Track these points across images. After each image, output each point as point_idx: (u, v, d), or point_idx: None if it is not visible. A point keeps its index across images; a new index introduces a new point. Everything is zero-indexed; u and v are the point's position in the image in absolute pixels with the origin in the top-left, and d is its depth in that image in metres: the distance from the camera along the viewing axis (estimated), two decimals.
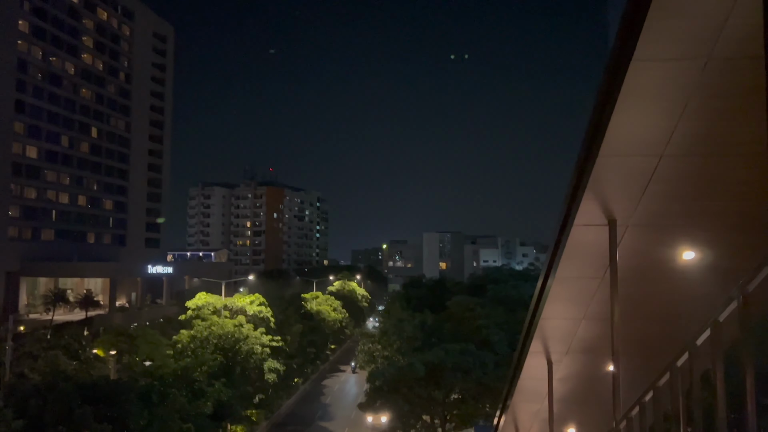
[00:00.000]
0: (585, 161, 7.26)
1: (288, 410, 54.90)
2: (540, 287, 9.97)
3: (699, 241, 7.84)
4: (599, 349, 11.17)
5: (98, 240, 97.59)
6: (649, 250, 8.15)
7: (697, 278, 8.28)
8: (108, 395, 24.92)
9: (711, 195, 7.27)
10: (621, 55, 5.79)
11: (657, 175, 6.98)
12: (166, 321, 59.38)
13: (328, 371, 73.76)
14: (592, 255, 8.59)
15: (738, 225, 7.56)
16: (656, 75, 5.84)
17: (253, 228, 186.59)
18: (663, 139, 6.53)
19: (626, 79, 5.87)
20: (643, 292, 8.71)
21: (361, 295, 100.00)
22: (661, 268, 8.35)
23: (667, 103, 6.11)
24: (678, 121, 6.33)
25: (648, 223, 7.83)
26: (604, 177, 7.13)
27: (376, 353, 38.11)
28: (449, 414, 28.26)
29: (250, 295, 45.88)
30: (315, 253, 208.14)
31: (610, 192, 7.43)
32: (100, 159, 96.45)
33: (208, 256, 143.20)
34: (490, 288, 33.30)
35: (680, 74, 5.80)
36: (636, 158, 6.84)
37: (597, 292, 9.39)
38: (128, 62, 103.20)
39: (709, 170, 6.89)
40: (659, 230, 7.92)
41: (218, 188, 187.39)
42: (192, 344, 39.23)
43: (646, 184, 7.16)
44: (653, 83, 5.92)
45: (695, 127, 6.34)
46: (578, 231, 8.14)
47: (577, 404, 12.87)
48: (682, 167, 6.88)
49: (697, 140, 6.54)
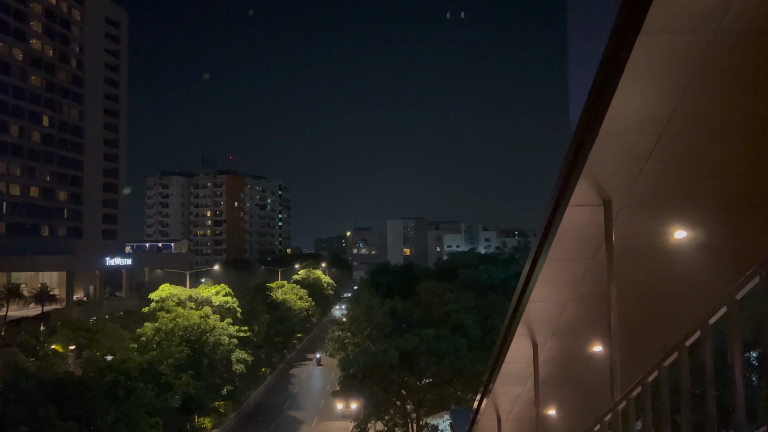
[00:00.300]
0: (582, 140, 7.11)
1: (256, 401, 54.37)
2: (528, 269, 9.85)
3: (695, 221, 7.81)
4: (585, 330, 11.18)
5: (53, 232, 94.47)
6: (644, 231, 8.09)
7: (693, 258, 8.28)
8: (73, 392, 24.08)
9: (708, 174, 7.21)
10: (627, 28, 5.61)
11: (655, 154, 6.88)
12: (127, 314, 57.99)
13: (296, 360, 73.34)
14: (585, 236, 8.50)
15: (734, 204, 7.54)
16: (662, 49, 5.68)
17: (214, 217, 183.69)
18: (664, 116, 6.41)
19: (632, 53, 5.69)
20: (637, 273, 8.68)
21: (327, 282, 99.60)
22: (655, 249, 8.31)
23: (671, 78, 5.98)
24: (681, 97, 6.21)
25: (644, 204, 7.75)
26: (602, 156, 6.99)
27: (347, 340, 37.94)
28: (422, 399, 28.33)
29: (215, 286, 45.04)
30: (278, 242, 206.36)
31: (607, 171, 7.30)
32: (52, 149, 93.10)
33: (168, 247, 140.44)
34: (461, 273, 33.40)
35: (686, 48, 5.65)
36: (635, 136, 6.71)
37: (587, 274, 9.34)
38: (80, 48, 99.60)
39: (708, 149, 6.81)
40: (655, 210, 7.86)
41: (176, 177, 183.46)
42: (157, 337, 38.31)
43: (644, 164, 7.05)
44: (659, 58, 5.76)
45: (698, 104, 6.23)
46: (572, 212, 8.02)
47: (560, 386, 12.91)
48: (681, 146, 6.79)
49: (698, 118, 6.44)
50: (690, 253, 8.28)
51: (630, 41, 5.61)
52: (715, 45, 5.60)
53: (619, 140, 6.77)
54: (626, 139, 6.76)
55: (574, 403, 14.15)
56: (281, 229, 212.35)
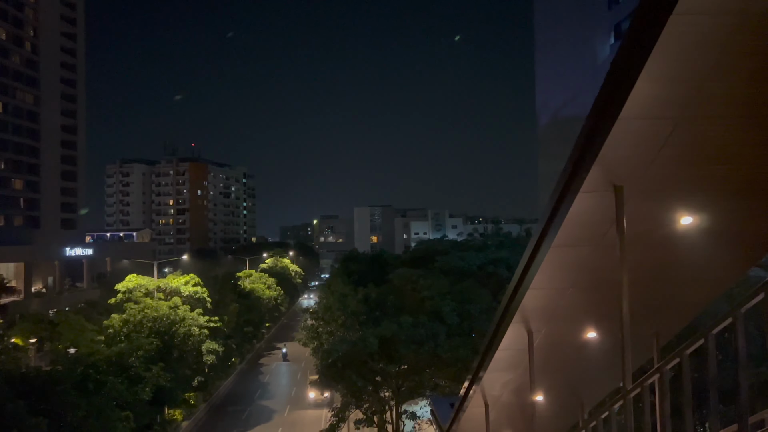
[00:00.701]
0: (598, 125, 6.97)
1: (226, 391, 53.76)
2: (529, 256, 9.75)
3: (703, 206, 7.77)
4: (581, 317, 11.17)
5: (8, 222, 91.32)
6: (651, 217, 8.02)
7: (698, 244, 8.27)
8: (42, 387, 23.22)
9: (721, 160, 7.15)
10: (658, 8, 5.46)
11: (672, 139, 6.78)
12: (90, 305, 56.41)
13: (265, 350, 72.75)
14: (591, 222, 8.40)
15: (745, 190, 7.52)
16: (692, 31, 5.54)
17: (177, 206, 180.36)
18: (685, 100, 6.30)
19: (662, 34, 5.54)
20: (641, 259, 8.62)
21: (295, 271, 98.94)
22: (662, 234, 8.26)
23: (696, 61, 5.84)
24: (703, 81, 6.10)
25: (654, 189, 7.68)
26: (618, 141, 6.84)
27: (320, 329, 37.64)
28: (401, 386, 28.31)
29: (184, 276, 44.10)
30: (243, 231, 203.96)
31: (622, 157, 7.18)
32: (6, 135, 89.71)
33: (130, 237, 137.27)
34: (438, 259, 33.37)
35: (716, 30, 5.53)
36: (654, 121, 6.58)
37: (590, 260, 9.27)
38: (34, 31, 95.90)
39: (724, 134, 6.74)
40: (664, 196, 7.79)
41: (137, 165, 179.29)
42: (125, 329, 37.32)
43: (660, 149, 6.96)
44: (687, 39, 5.62)
45: (721, 88, 6.13)
46: (581, 198, 7.90)
47: (550, 372, 12.91)
48: (698, 131, 6.70)
49: (718, 102, 6.34)
50: (696, 238, 8.27)
51: (661, 21, 5.45)
52: (742, 27, 5.50)
53: (637, 125, 6.63)
54: (644, 124, 6.62)
55: (560, 388, 14.23)
56: (246, 217, 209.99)
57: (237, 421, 46.00)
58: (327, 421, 31.57)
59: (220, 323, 43.77)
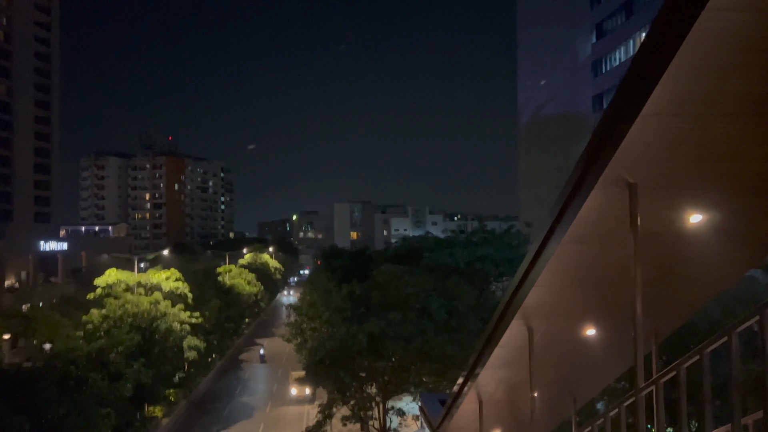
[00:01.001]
0: (617, 121, 6.92)
1: (206, 387, 53.22)
2: (535, 253, 9.70)
3: (714, 204, 7.79)
4: (583, 314, 11.18)
5: None
6: (664, 214, 8.02)
7: (707, 242, 8.29)
8: (21, 384, 22.64)
9: (736, 157, 7.17)
10: (690, 2, 5.42)
11: (691, 135, 6.77)
12: (65, 300, 55.29)
13: (245, 345, 72.20)
14: (602, 219, 8.37)
15: (756, 188, 7.56)
16: (722, 27, 5.52)
17: (153, 200, 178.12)
18: (708, 96, 6.28)
19: (692, 30, 5.51)
20: (651, 257, 8.61)
21: (274, 267, 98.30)
22: (671, 232, 8.27)
23: (724, 56, 5.83)
24: (725, 78, 6.10)
25: (667, 186, 7.67)
26: (637, 138, 6.81)
27: (304, 325, 37.40)
28: (387, 383, 28.23)
29: (165, 271, 43.45)
30: (220, 226, 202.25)
31: (639, 154, 7.15)
32: None
33: (106, 231, 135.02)
34: (426, 256, 33.37)
35: (747, 27, 5.52)
36: (675, 117, 6.57)
37: (597, 257, 9.25)
38: (7, 20, 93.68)
39: (743, 131, 6.75)
40: (678, 193, 7.79)
41: (113, 158, 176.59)
42: (105, 324, 36.66)
43: (678, 146, 6.94)
44: (718, 35, 5.60)
45: (739, 85, 6.13)
46: (594, 195, 7.86)
47: (547, 369, 12.92)
48: (717, 128, 6.69)
49: (737, 99, 6.35)
50: (704, 236, 8.29)
51: (692, 16, 5.42)
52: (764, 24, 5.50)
53: (657, 121, 6.60)
54: (665, 120, 6.59)
55: (554, 384, 14.27)
56: (224, 212, 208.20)
57: (218, 418, 45.60)
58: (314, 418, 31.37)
59: (201, 319, 43.26)
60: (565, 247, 9.09)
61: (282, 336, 40.32)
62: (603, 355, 12.72)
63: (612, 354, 12.80)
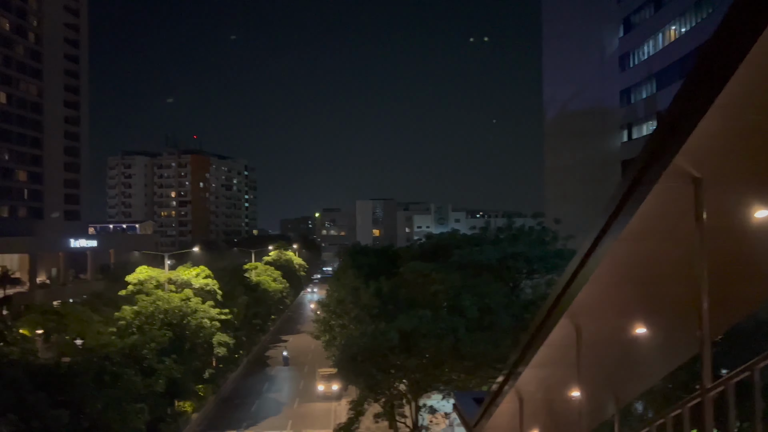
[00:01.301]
0: (686, 113, 6.71)
1: (234, 383, 53.66)
2: (587, 250, 9.51)
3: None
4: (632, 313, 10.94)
5: (12, 214, 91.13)
6: (728, 210, 7.77)
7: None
8: (61, 379, 23.06)
9: None
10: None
11: (761, 127, 6.54)
12: (94, 296, 56.19)
13: (270, 342, 72.67)
14: (663, 215, 8.15)
15: None
16: None
17: (178, 198, 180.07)
18: None
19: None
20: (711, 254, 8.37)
21: (298, 264, 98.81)
22: (736, 228, 8.02)
23: None
24: None
25: (734, 181, 7.43)
26: (706, 131, 6.60)
27: (332, 322, 37.45)
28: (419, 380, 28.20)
29: (195, 268, 43.92)
30: (244, 223, 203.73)
31: (706, 147, 6.93)
32: (10, 127, 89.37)
33: (133, 228, 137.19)
34: (455, 253, 33.25)
35: None
36: (748, 109, 6.34)
37: (654, 254, 9.03)
38: (38, 22, 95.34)
39: None
40: (743, 188, 7.54)
41: (139, 157, 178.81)
42: (137, 320, 37.17)
43: (749, 138, 6.72)
44: None
45: None
46: (656, 190, 7.65)
47: (593, 368, 12.70)
48: None
49: None
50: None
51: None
52: None
53: (729, 113, 6.39)
54: (738, 112, 6.38)
55: (598, 384, 14.02)
56: (247, 209, 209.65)
57: (246, 414, 45.92)
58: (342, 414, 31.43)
59: (230, 315, 43.63)
60: (620, 244, 8.89)
61: (309, 332, 40.37)
62: (650, 354, 12.43)
63: (659, 354, 12.52)
